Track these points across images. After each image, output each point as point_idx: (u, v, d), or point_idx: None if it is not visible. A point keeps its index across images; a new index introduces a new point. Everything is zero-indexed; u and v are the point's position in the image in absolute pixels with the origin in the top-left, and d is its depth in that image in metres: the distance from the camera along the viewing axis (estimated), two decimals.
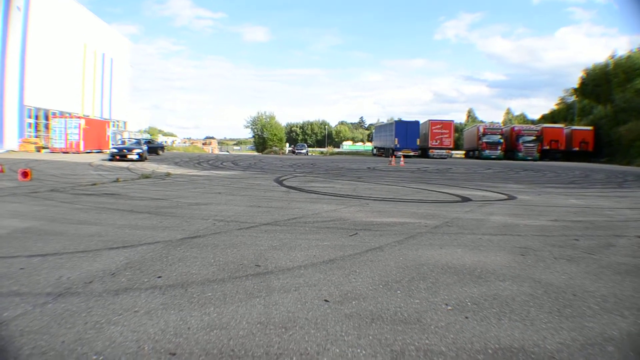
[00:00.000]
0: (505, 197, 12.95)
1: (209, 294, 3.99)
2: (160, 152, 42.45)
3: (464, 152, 73.52)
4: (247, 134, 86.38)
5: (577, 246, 6.38)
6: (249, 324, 3.36)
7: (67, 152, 40.95)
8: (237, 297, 3.93)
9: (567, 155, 58.60)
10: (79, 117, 46.68)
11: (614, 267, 5.28)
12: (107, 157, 29.69)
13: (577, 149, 59.30)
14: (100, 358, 2.81)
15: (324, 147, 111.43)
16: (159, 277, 4.45)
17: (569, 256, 5.76)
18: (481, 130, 60.77)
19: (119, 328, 3.22)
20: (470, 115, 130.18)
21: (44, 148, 44.46)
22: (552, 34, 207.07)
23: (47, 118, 49.04)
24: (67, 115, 48.09)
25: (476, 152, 61.51)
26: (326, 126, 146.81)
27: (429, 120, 59.93)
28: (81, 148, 41.78)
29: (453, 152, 63.97)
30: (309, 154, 73.78)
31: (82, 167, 22.61)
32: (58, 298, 3.81)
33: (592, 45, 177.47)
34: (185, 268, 4.79)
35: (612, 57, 68.32)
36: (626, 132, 54.32)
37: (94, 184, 13.60)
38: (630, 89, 61.13)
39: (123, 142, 36.84)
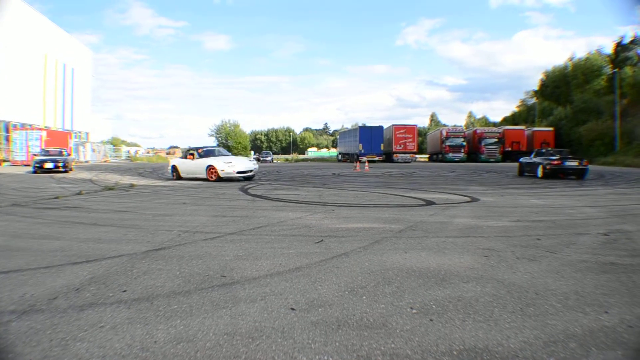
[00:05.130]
0: (469, 199, 13.13)
1: (175, 307, 3.97)
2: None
3: (427, 155, 74.42)
4: (212, 142, 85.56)
5: (539, 245, 6.53)
6: (216, 335, 3.36)
7: (29, 165, 40.06)
8: (203, 309, 3.92)
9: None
10: (40, 129, 45.84)
11: (575, 265, 5.43)
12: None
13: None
14: None
15: (289, 154, 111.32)
16: (124, 291, 4.41)
17: (531, 256, 5.90)
18: (444, 133, 61.63)
19: (85, 344, 3.19)
20: (434, 119, 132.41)
21: (4, 161, 43.51)
22: (510, 38, 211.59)
23: (7, 130, 47.98)
24: (28, 127, 47.21)
25: (440, 156, 62.29)
26: (291, 133, 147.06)
27: (393, 125, 60.28)
28: None
29: (417, 156, 64.57)
30: (274, 161, 73.52)
31: (44, 180, 22.16)
32: (22, 315, 3.75)
33: (550, 48, 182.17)
34: (151, 281, 4.75)
35: (571, 59, 70.46)
36: (586, 132, 55.98)
37: (57, 197, 13.35)
38: (589, 89, 63.08)
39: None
